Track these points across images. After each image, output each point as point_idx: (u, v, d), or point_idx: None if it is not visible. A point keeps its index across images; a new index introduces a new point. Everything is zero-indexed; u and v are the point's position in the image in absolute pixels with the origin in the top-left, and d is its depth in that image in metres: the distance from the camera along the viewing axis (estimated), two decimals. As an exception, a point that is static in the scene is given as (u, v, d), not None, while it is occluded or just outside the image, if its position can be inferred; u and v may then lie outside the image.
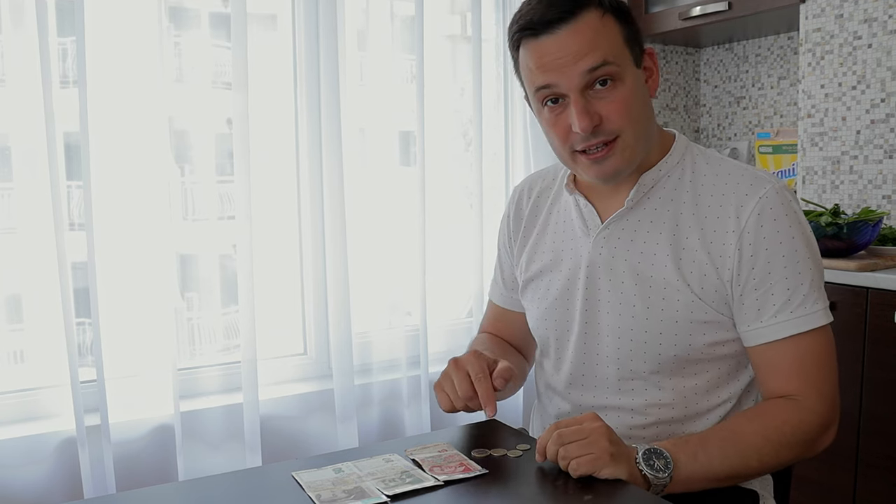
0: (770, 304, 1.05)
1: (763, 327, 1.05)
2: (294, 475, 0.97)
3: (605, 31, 1.03)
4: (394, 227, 2.22)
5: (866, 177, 2.12)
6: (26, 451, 1.74)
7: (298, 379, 2.19)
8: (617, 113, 1.04)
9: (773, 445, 1.02)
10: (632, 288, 1.11)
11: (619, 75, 1.04)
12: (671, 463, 0.96)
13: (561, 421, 0.97)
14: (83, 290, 1.80)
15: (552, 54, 1.03)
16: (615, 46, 1.04)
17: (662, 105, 2.93)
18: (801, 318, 1.04)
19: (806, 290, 1.04)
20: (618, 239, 1.13)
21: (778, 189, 1.06)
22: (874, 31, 2.06)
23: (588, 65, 1.02)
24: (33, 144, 1.74)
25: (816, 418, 1.04)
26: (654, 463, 0.95)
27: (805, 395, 1.05)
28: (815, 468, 1.88)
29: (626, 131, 1.05)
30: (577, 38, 1.02)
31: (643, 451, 0.96)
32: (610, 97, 1.04)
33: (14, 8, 1.72)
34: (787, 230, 1.04)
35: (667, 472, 0.95)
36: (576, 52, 1.02)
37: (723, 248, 1.06)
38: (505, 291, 1.36)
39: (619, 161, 1.07)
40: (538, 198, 1.28)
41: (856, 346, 1.80)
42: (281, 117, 2.15)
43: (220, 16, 2.05)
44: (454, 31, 2.42)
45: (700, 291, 1.07)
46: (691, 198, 1.10)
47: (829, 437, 1.06)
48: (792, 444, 1.03)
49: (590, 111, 1.03)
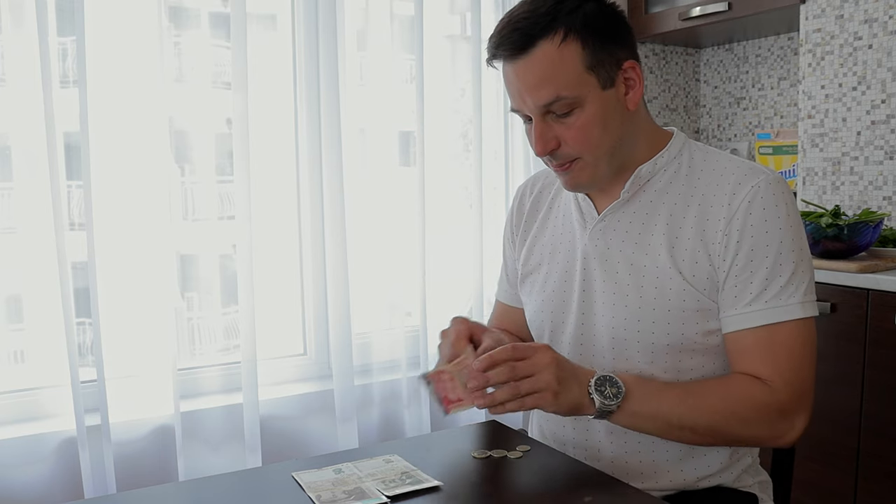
0: (747, 292, 1.05)
1: (737, 315, 1.06)
2: (294, 476, 0.97)
3: (562, 63, 1.03)
4: (394, 227, 2.22)
5: (867, 178, 2.12)
6: (26, 451, 1.74)
7: (298, 379, 2.19)
8: (574, 140, 1.07)
9: (726, 413, 1.03)
10: (626, 278, 1.12)
11: (578, 103, 1.05)
12: (622, 392, 1.01)
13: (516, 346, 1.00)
14: (83, 290, 1.80)
15: (513, 83, 1.08)
16: (573, 78, 1.04)
17: (662, 105, 2.93)
18: (773, 308, 1.04)
19: (783, 282, 1.04)
20: (613, 230, 1.15)
21: (771, 180, 1.07)
22: (875, 31, 2.06)
23: (541, 101, 1.05)
24: (33, 144, 1.74)
25: (776, 403, 1.03)
26: (605, 390, 1.00)
27: (771, 381, 1.04)
28: (815, 470, 1.88)
29: (584, 155, 1.09)
30: (530, 72, 1.05)
31: (597, 378, 1.01)
32: (569, 123, 1.07)
33: (14, 8, 1.72)
34: (774, 220, 1.05)
35: (616, 400, 1.00)
36: (531, 86, 1.05)
37: (714, 234, 1.07)
38: (509, 288, 1.36)
39: (580, 178, 1.12)
40: (540, 193, 1.30)
41: (856, 348, 1.80)
42: (281, 117, 2.15)
43: (219, 16, 2.05)
44: (454, 31, 2.42)
45: (692, 278, 1.08)
46: (686, 189, 1.11)
47: (793, 430, 1.04)
48: (746, 420, 1.03)
49: (547, 136, 1.08)
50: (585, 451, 1.15)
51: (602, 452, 1.14)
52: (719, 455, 1.12)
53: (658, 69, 2.90)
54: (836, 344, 1.83)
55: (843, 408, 1.83)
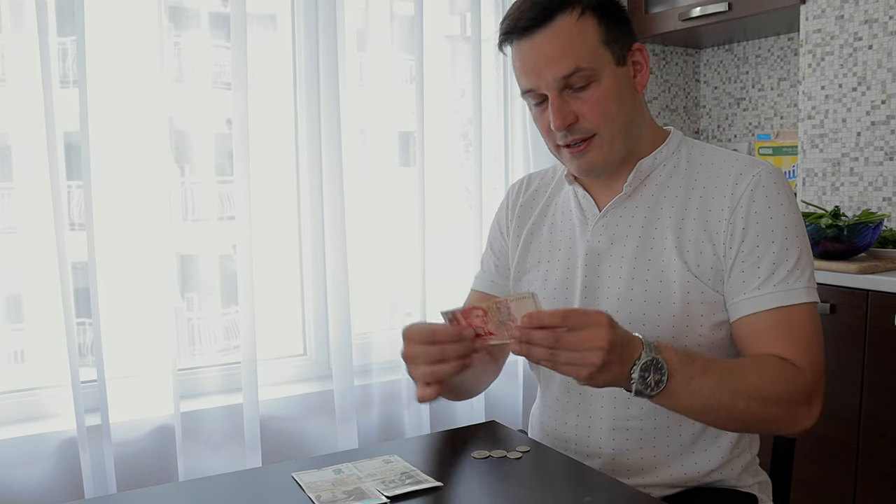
0: (755, 276, 1.05)
1: (746, 299, 1.06)
2: (294, 476, 0.97)
3: (580, 36, 1.06)
4: (393, 227, 2.22)
5: (867, 179, 2.12)
6: (27, 451, 1.74)
7: (298, 380, 2.19)
8: (592, 113, 1.08)
9: (764, 393, 0.99)
10: (630, 272, 1.12)
11: (595, 77, 1.07)
12: (664, 382, 0.94)
13: (571, 312, 0.92)
14: (83, 290, 1.80)
15: (529, 59, 1.08)
16: (590, 50, 1.07)
17: (662, 106, 2.92)
18: (784, 291, 1.04)
19: (791, 266, 1.05)
20: (616, 226, 1.16)
21: (771, 171, 1.10)
22: (875, 32, 2.06)
23: (561, 72, 1.06)
24: (33, 144, 1.74)
25: (805, 383, 1.02)
26: (649, 377, 0.94)
27: (795, 360, 1.03)
28: (814, 471, 1.88)
29: (601, 130, 1.09)
30: (550, 44, 1.06)
31: (644, 363, 0.93)
32: (585, 98, 1.08)
33: (14, 8, 1.72)
34: (777, 207, 1.07)
35: (656, 389, 0.94)
36: (550, 58, 1.06)
37: (718, 224, 1.08)
38: (497, 279, 1.32)
39: (597, 156, 1.11)
40: (535, 192, 1.31)
41: (856, 349, 1.80)
42: (281, 117, 2.15)
43: (219, 16, 2.05)
44: (454, 32, 2.42)
45: (696, 269, 1.08)
46: (687, 182, 1.13)
47: (811, 415, 1.03)
48: (781, 401, 1.00)
49: (565, 111, 1.08)
50: (587, 448, 1.15)
51: (603, 449, 1.14)
52: (720, 450, 1.13)
53: (658, 69, 2.90)
54: (836, 344, 1.83)
55: (843, 408, 1.83)
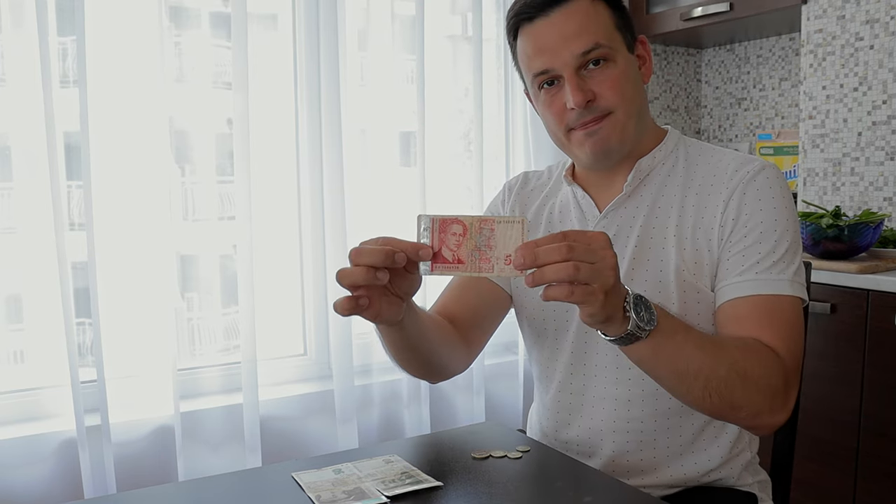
0: (740, 263, 1.06)
1: (729, 285, 1.06)
2: (294, 476, 0.97)
3: (597, 16, 1.09)
4: (394, 227, 2.21)
5: (867, 179, 2.12)
6: (26, 452, 1.74)
7: (298, 380, 2.19)
8: (610, 90, 1.09)
9: (745, 368, 0.96)
10: (629, 273, 1.12)
11: (612, 56, 1.09)
12: (655, 320, 0.90)
13: (570, 232, 0.85)
14: (83, 290, 1.80)
15: (546, 36, 1.09)
16: (606, 30, 1.09)
17: (663, 106, 2.92)
18: (768, 280, 1.04)
19: (776, 258, 1.05)
20: (616, 226, 1.16)
21: (767, 166, 1.10)
22: (876, 32, 2.06)
23: (581, 48, 1.07)
24: (33, 144, 1.74)
25: (783, 369, 0.99)
26: (641, 312, 0.89)
27: (775, 346, 1.00)
28: (814, 470, 1.88)
29: (618, 108, 1.10)
30: (569, 21, 1.08)
31: (634, 295, 0.89)
32: (602, 76, 1.09)
33: (14, 8, 1.72)
34: (769, 200, 1.07)
35: (649, 326, 0.89)
36: (568, 35, 1.07)
37: (713, 218, 1.09)
38: None
39: (611, 134, 1.11)
40: (531, 192, 1.31)
41: (856, 349, 1.79)
42: (281, 117, 2.15)
43: (220, 15, 2.05)
44: (455, 32, 2.42)
45: (694, 268, 1.09)
46: (685, 181, 1.14)
47: (785, 409, 0.99)
48: (759, 383, 0.96)
49: (583, 88, 1.08)
50: (588, 448, 1.16)
51: (603, 450, 1.14)
52: (720, 449, 1.12)
53: (659, 69, 2.90)
54: (836, 344, 1.83)
55: (843, 408, 1.83)
